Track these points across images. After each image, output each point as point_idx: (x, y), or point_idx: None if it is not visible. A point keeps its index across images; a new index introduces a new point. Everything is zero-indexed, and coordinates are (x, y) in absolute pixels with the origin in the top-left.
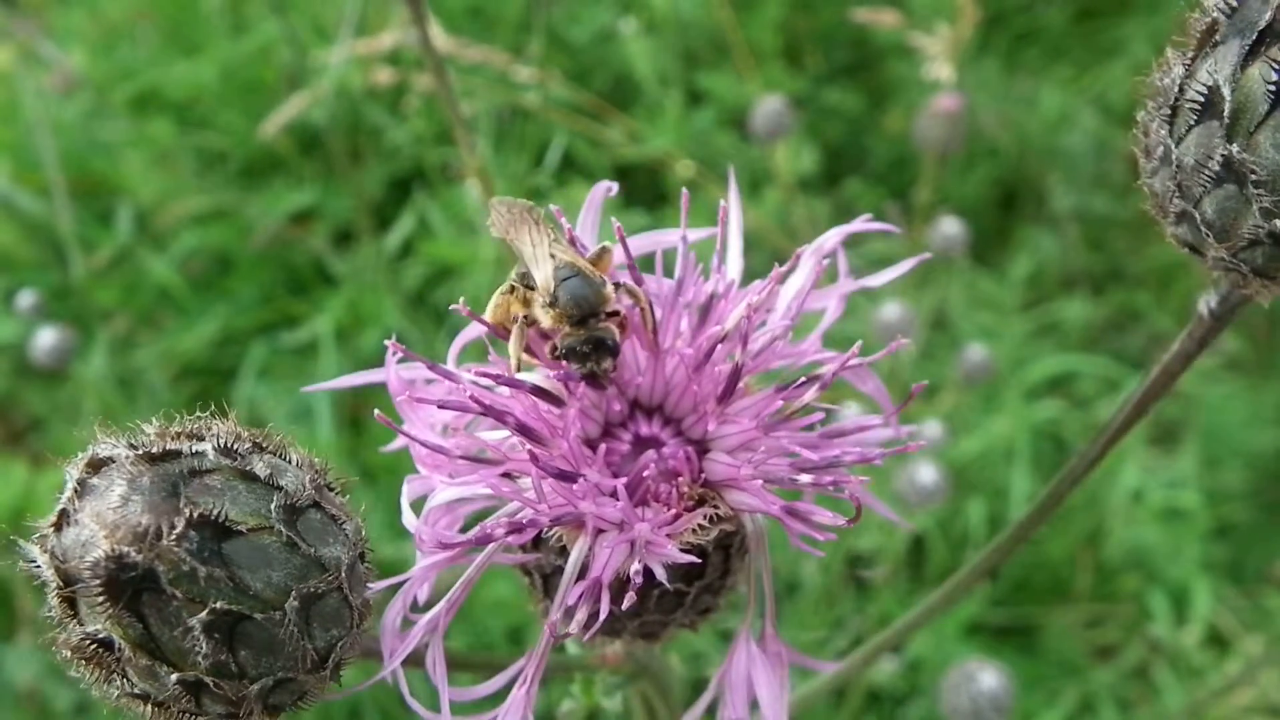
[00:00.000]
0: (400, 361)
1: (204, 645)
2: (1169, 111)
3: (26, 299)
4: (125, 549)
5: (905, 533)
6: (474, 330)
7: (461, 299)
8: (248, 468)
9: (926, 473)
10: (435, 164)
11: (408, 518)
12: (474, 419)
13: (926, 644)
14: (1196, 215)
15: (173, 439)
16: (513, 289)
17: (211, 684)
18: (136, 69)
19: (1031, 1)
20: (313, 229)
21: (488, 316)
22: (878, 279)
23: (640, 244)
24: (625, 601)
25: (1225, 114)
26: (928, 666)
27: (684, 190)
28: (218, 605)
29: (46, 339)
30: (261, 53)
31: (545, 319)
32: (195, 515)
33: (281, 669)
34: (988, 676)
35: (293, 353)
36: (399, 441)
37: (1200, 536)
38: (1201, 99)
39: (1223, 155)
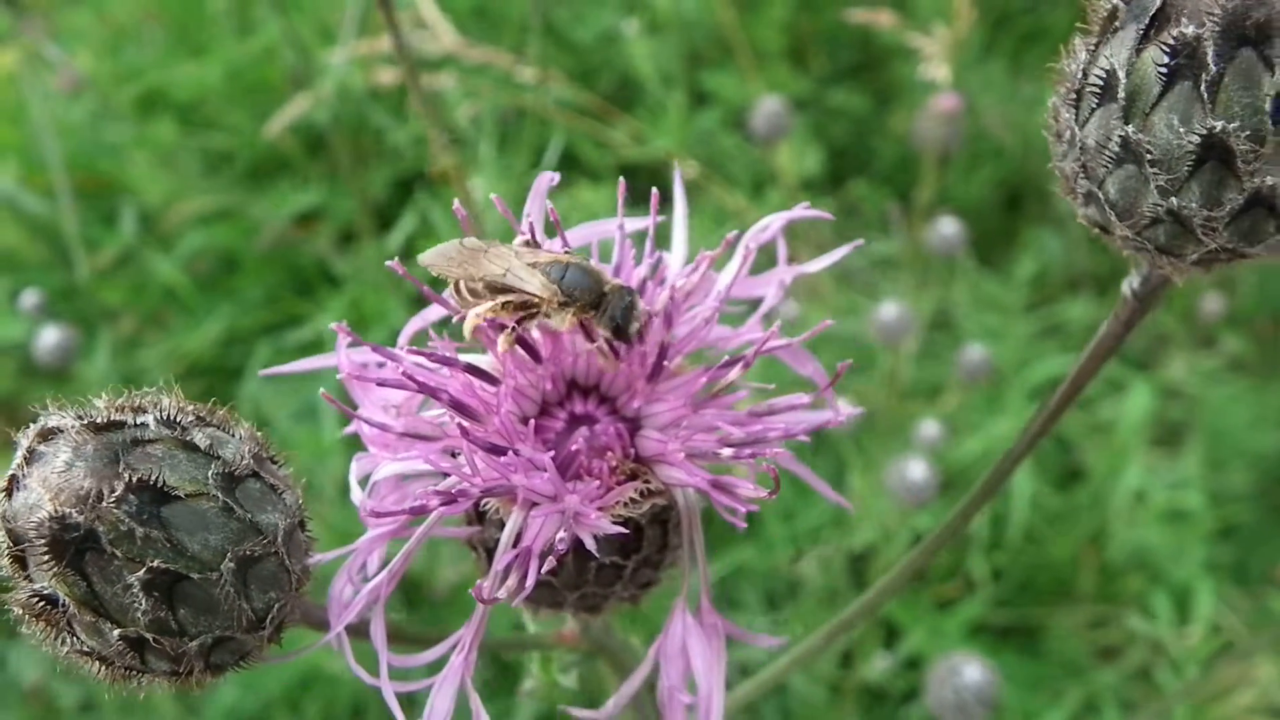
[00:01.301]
0: (350, 346)
1: (143, 602)
2: (1074, 96)
3: (30, 298)
4: (68, 510)
5: (905, 532)
6: (434, 312)
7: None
8: (188, 438)
9: (917, 470)
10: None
11: (354, 492)
12: (425, 400)
13: (928, 644)
14: (1101, 195)
15: (118, 411)
16: (525, 303)
17: (152, 640)
18: (143, 70)
19: (1036, 3)
20: (318, 230)
21: (466, 329)
22: (814, 265)
23: (581, 234)
24: (545, 566)
25: (1122, 97)
26: (928, 665)
27: (620, 180)
28: (155, 564)
29: (49, 338)
30: (267, 53)
31: (563, 321)
32: (134, 480)
33: (220, 627)
34: (971, 670)
35: (298, 352)
36: (353, 425)
37: (1204, 538)
38: (1101, 83)
39: (1120, 136)
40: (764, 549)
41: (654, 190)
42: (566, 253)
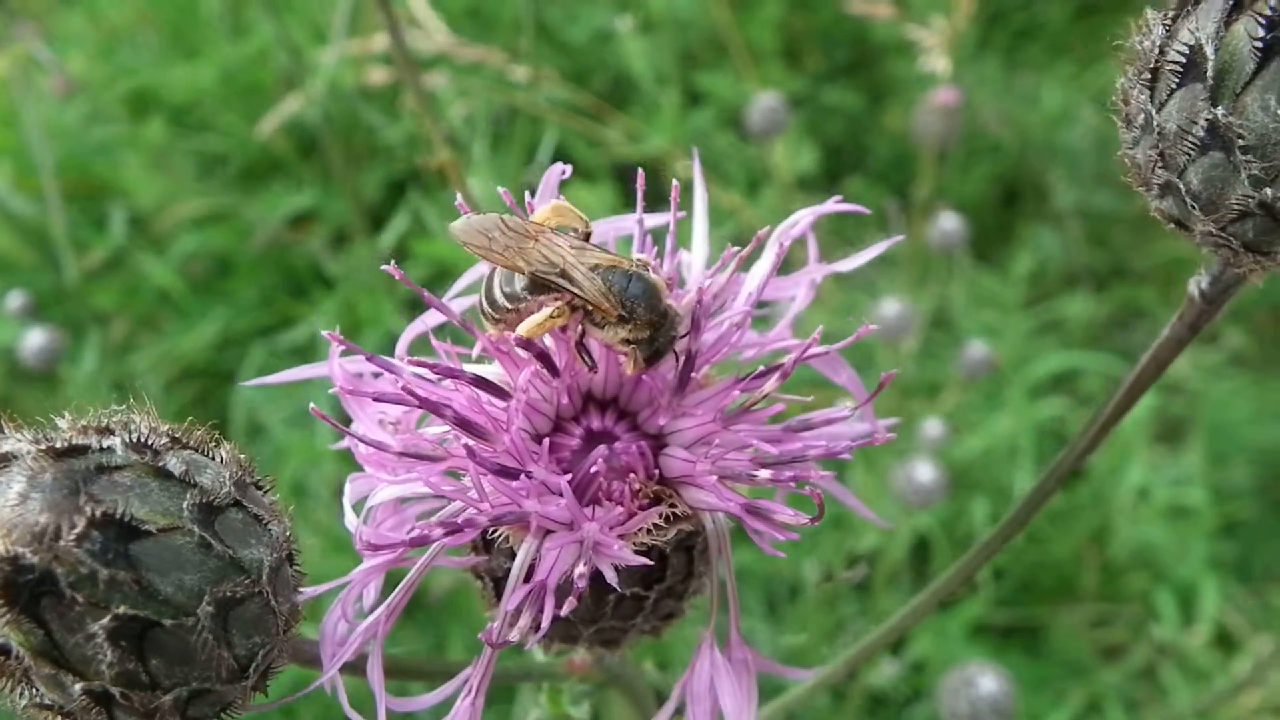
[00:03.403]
0: (344, 355)
1: (109, 653)
2: (1149, 76)
3: (15, 300)
4: (20, 550)
5: (907, 533)
6: (434, 317)
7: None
8: (161, 464)
9: (924, 471)
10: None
11: (348, 518)
12: (425, 415)
13: (930, 645)
14: (1181, 186)
15: (81, 433)
16: (574, 308)
17: (119, 694)
18: (136, 72)
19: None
20: (312, 231)
21: (526, 334)
22: (848, 263)
23: (599, 230)
24: (566, 607)
25: (1209, 75)
26: (932, 668)
27: (639, 170)
28: (121, 610)
29: (35, 341)
30: (260, 56)
31: (618, 334)
32: (98, 514)
33: (197, 679)
34: (987, 680)
35: (292, 355)
36: (346, 440)
37: (1207, 534)
38: (1183, 60)
39: (1207, 120)
40: (761, 553)
41: (675, 183)
42: (637, 260)
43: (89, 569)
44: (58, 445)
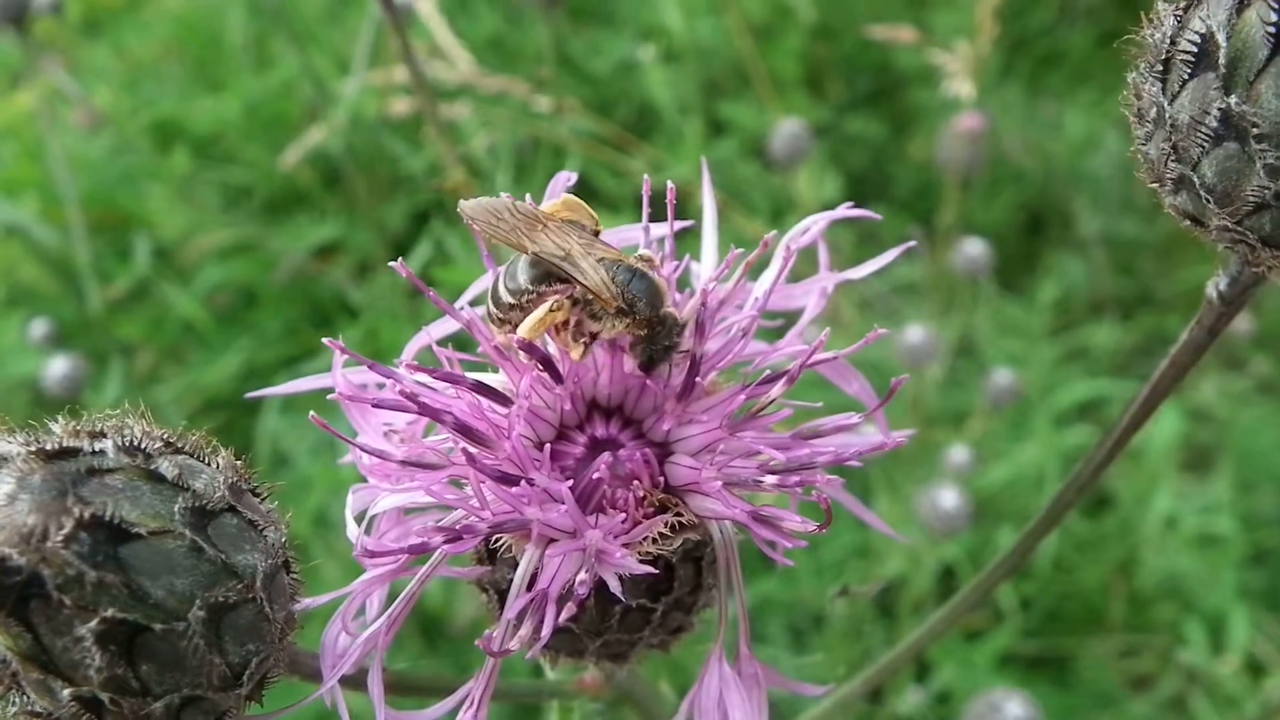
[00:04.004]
0: (349, 365)
1: (97, 657)
2: (1161, 68)
3: (39, 329)
4: (9, 550)
5: (933, 562)
6: (441, 328)
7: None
8: (153, 467)
9: (949, 497)
10: (453, 199)
11: (350, 529)
12: (431, 425)
13: (956, 675)
14: (1195, 179)
15: (73, 436)
16: (574, 302)
17: (108, 700)
18: (161, 105)
19: (1054, 25)
20: (337, 262)
21: (527, 334)
22: (859, 271)
23: (610, 239)
24: (565, 614)
25: (1221, 63)
26: (958, 698)
27: (645, 177)
28: (110, 613)
29: (58, 368)
30: (285, 88)
31: (613, 329)
32: (87, 515)
33: (189, 685)
34: (1014, 706)
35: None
36: (350, 454)
37: (1236, 563)
38: (1195, 49)
39: (1220, 109)
40: (788, 581)
41: (670, 185)
42: (641, 257)
43: (76, 571)
44: (48, 448)
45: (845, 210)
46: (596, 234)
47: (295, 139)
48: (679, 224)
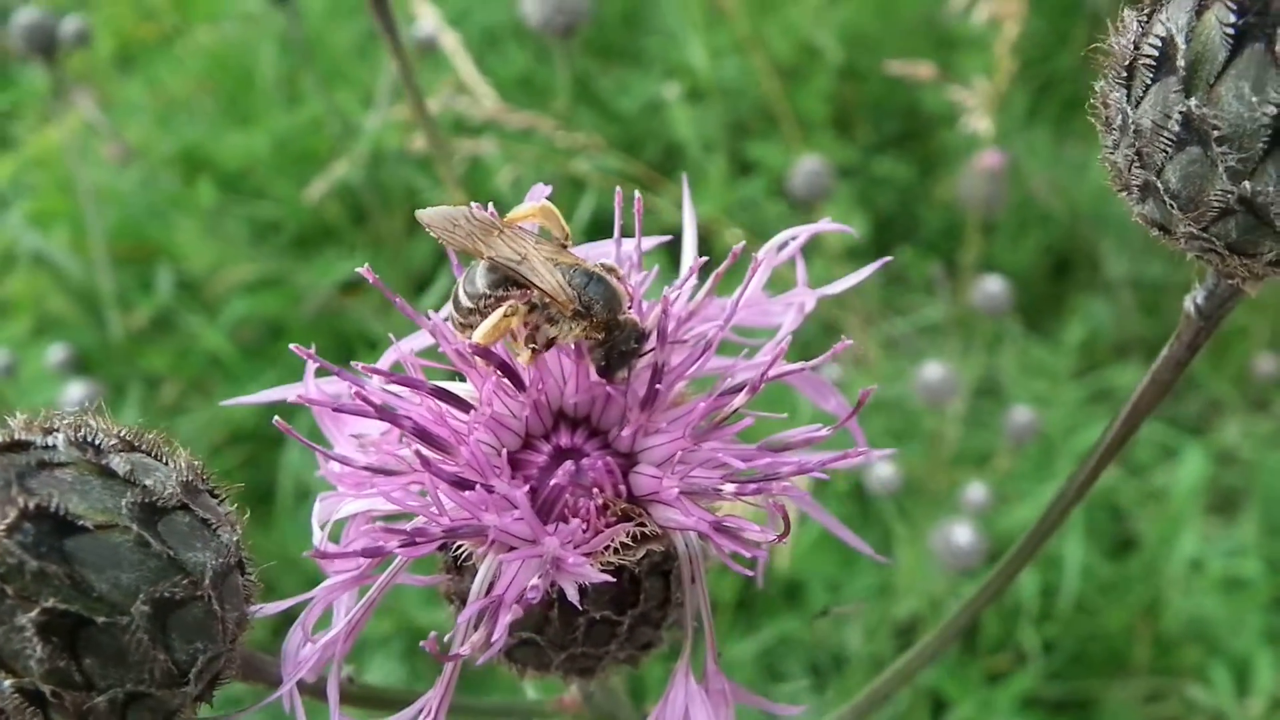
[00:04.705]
0: (320, 375)
1: (39, 648)
2: (1125, 73)
3: (57, 354)
4: None
5: (951, 601)
6: (414, 342)
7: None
8: (104, 462)
9: (963, 533)
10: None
11: (315, 536)
12: (404, 436)
13: (978, 717)
14: (1160, 185)
15: (26, 429)
16: (531, 307)
17: (50, 693)
18: (187, 135)
19: (1080, 68)
20: (363, 297)
21: (481, 339)
22: (837, 286)
23: (580, 253)
24: (511, 615)
25: (1181, 66)
26: None
27: (618, 188)
28: (50, 604)
29: (74, 394)
30: (314, 124)
31: (569, 333)
32: (31, 506)
33: (133, 681)
34: None
35: None
36: (319, 460)
37: (1262, 606)
38: (1156, 53)
39: (1181, 113)
40: (807, 620)
41: (637, 195)
42: (601, 265)
43: (18, 560)
44: (1, 440)
45: (825, 224)
46: (565, 246)
47: (322, 174)
48: (651, 241)
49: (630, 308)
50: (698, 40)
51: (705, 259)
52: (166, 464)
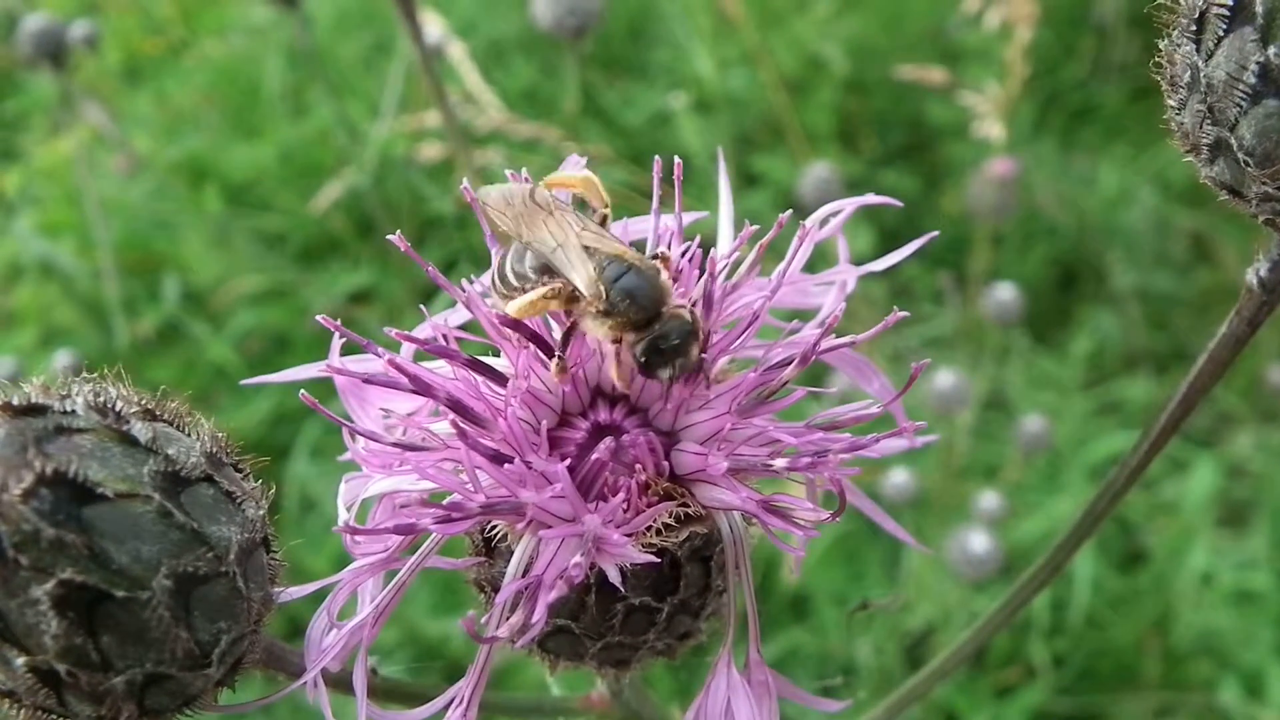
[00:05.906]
0: (346, 352)
1: (54, 623)
2: (1195, 27)
3: (63, 359)
4: None
5: (963, 613)
6: (459, 315)
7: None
8: (126, 429)
9: (978, 541)
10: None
11: (340, 515)
12: (436, 412)
13: None
14: (1233, 142)
15: (44, 394)
16: (569, 296)
17: (65, 673)
18: (193, 144)
19: (1087, 80)
20: (370, 309)
21: (515, 313)
22: (883, 262)
23: (617, 232)
24: (555, 592)
25: (1259, 14)
26: None
27: (656, 159)
28: (66, 575)
29: None
30: (320, 136)
31: (599, 329)
32: (49, 471)
33: (153, 661)
34: None
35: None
36: (345, 439)
37: (1273, 619)
38: (1230, 3)
39: (1259, 63)
40: (816, 631)
41: (677, 160)
42: (655, 257)
43: (34, 528)
44: (16, 403)
45: (872, 198)
46: (605, 219)
47: (328, 185)
48: (695, 215)
49: (676, 299)
50: (705, 51)
51: (757, 227)
52: (189, 435)
